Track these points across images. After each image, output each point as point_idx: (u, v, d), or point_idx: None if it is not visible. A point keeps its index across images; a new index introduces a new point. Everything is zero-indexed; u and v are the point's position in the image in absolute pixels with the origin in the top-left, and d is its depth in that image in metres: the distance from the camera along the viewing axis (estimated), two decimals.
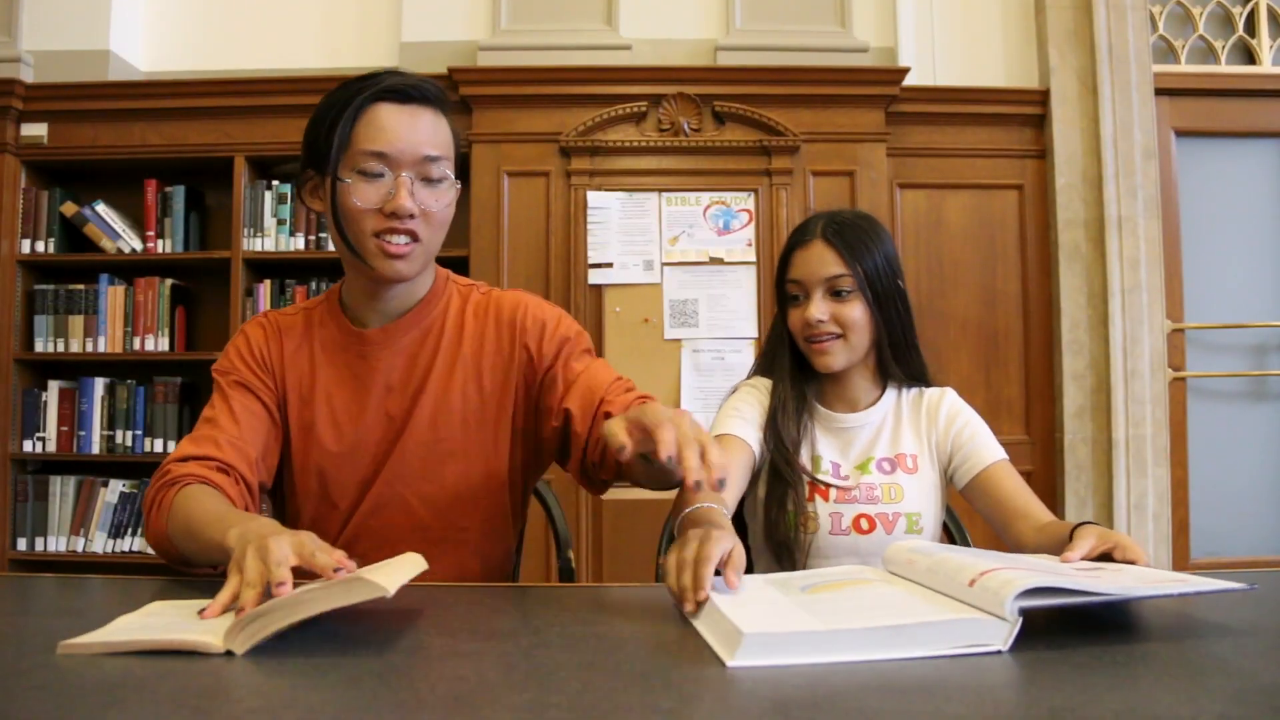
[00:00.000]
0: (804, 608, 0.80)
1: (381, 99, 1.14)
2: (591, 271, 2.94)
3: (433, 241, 1.18)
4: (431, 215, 1.15)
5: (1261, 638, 0.78)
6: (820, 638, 0.71)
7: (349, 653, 0.72)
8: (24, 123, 3.03)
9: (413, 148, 1.13)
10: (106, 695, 0.61)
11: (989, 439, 1.39)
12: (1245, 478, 3.22)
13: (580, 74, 2.98)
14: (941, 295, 3.13)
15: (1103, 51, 3.09)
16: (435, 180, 1.15)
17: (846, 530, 1.34)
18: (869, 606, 0.80)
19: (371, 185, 1.13)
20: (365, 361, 1.23)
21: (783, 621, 0.75)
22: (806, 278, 1.36)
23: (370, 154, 1.12)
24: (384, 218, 1.13)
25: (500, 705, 0.60)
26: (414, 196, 1.13)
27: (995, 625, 0.72)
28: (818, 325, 1.34)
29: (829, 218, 1.39)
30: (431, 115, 1.16)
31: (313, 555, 0.81)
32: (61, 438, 3.03)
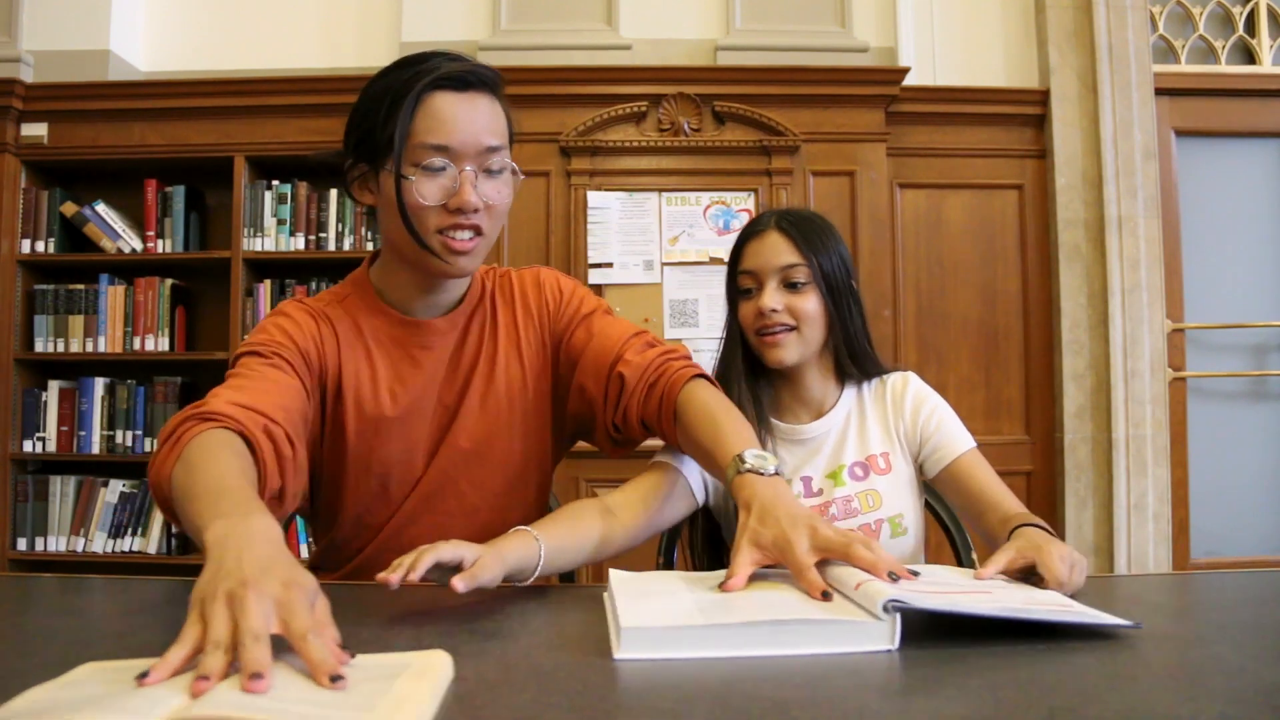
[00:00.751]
0: (700, 604, 0.80)
1: (439, 87, 1.07)
2: (591, 271, 2.94)
3: (494, 233, 1.14)
4: (494, 208, 1.11)
5: (1261, 638, 0.78)
6: (698, 632, 0.72)
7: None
8: (24, 123, 3.04)
9: (474, 139, 1.07)
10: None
11: (957, 428, 1.34)
12: (1245, 478, 3.22)
13: (580, 74, 2.98)
14: (941, 295, 3.13)
15: (1103, 51, 3.09)
16: (496, 171, 1.11)
17: None
18: (762, 604, 0.79)
19: (434, 181, 1.07)
20: (429, 353, 1.18)
21: (667, 616, 0.75)
22: (760, 267, 1.32)
23: (431, 147, 1.06)
24: (448, 214, 1.08)
25: (500, 705, 0.60)
26: (477, 190, 1.08)
27: (876, 626, 0.72)
28: (771, 315, 1.30)
29: (782, 212, 1.37)
30: (489, 102, 1.11)
31: (304, 637, 0.62)
32: (61, 438, 3.03)
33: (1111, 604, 0.99)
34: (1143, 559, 2.99)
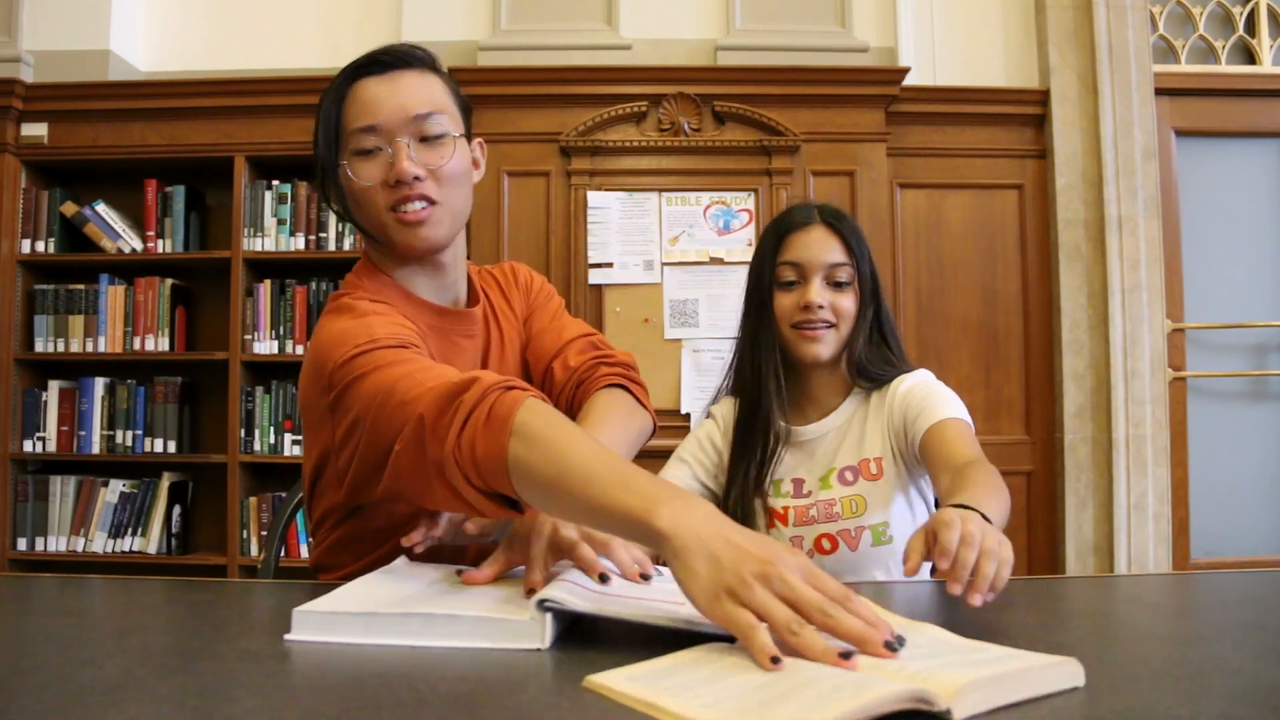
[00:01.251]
0: (416, 594, 0.83)
1: (361, 76, 1.10)
2: (592, 271, 2.94)
3: (452, 200, 1.11)
4: (439, 172, 1.08)
5: (1261, 638, 0.78)
6: (360, 620, 0.74)
7: (349, 652, 0.72)
8: (24, 123, 3.03)
9: (400, 110, 1.07)
10: (106, 695, 0.61)
11: (942, 400, 1.26)
12: (1245, 478, 3.22)
13: (580, 74, 2.98)
14: (941, 295, 3.13)
15: (1103, 51, 3.09)
16: (433, 137, 1.09)
17: (810, 553, 1.28)
18: (455, 600, 0.81)
19: (371, 162, 1.08)
20: (472, 340, 1.19)
21: (357, 602, 0.78)
22: (807, 261, 1.31)
23: (360, 131, 1.07)
24: (391, 189, 1.07)
25: (499, 705, 0.60)
26: (413, 159, 1.07)
27: (527, 625, 0.73)
28: (817, 311, 1.29)
29: (822, 207, 1.36)
30: (415, 75, 1.10)
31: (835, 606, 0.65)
32: (61, 437, 3.03)
33: (1112, 604, 0.99)
34: (1143, 559, 2.99)
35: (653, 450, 1.32)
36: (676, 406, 2.88)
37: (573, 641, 0.75)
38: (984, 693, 0.57)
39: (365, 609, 0.76)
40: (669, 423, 2.87)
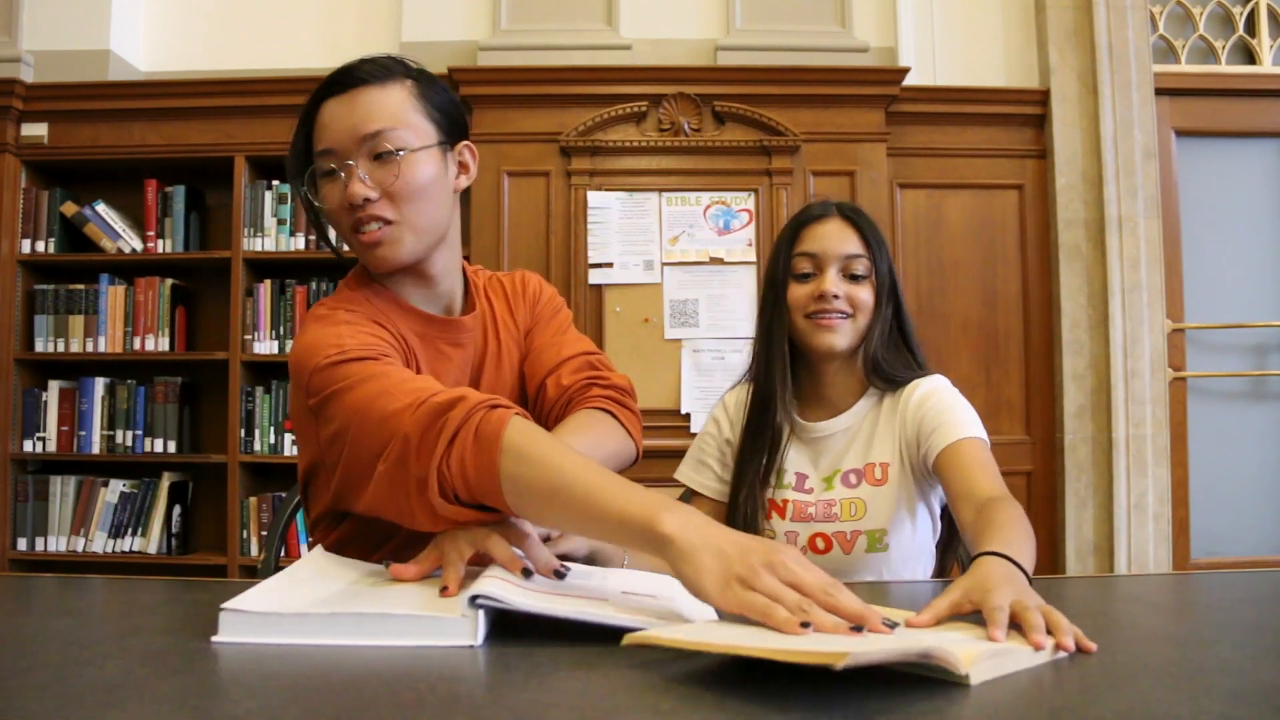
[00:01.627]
0: (343, 592, 0.83)
1: (324, 98, 1.10)
2: (592, 271, 2.94)
3: (412, 217, 1.09)
4: (393, 190, 1.07)
5: (1261, 638, 0.78)
6: (291, 620, 0.73)
7: (349, 652, 0.72)
8: (24, 123, 3.03)
9: (350, 132, 1.07)
10: (106, 695, 0.61)
11: (960, 418, 1.24)
12: (1245, 478, 3.22)
13: (580, 74, 2.98)
14: (941, 295, 3.13)
15: (1103, 51, 3.09)
16: (385, 154, 1.07)
17: (803, 550, 1.28)
18: (384, 598, 0.80)
19: (333, 185, 1.09)
20: (460, 349, 1.19)
21: (285, 602, 0.77)
22: (823, 251, 1.30)
23: (320, 154, 1.09)
24: (349, 212, 1.08)
25: (500, 705, 0.60)
26: (365, 180, 1.06)
27: (458, 622, 0.73)
28: (832, 301, 1.28)
29: (839, 202, 1.36)
30: (371, 92, 1.09)
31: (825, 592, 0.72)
32: (61, 438, 3.03)
33: (1112, 604, 0.99)
34: (1143, 559, 2.99)
35: (653, 450, 1.33)
36: (676, 406, 2.88)
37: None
38: (994, 661, 0.64)
39: (295, 609, 0.76)
40: (669, 423, 2.87)
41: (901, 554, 1.30)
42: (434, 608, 0.76)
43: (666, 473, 1.51)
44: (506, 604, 0.74)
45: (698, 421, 2.86)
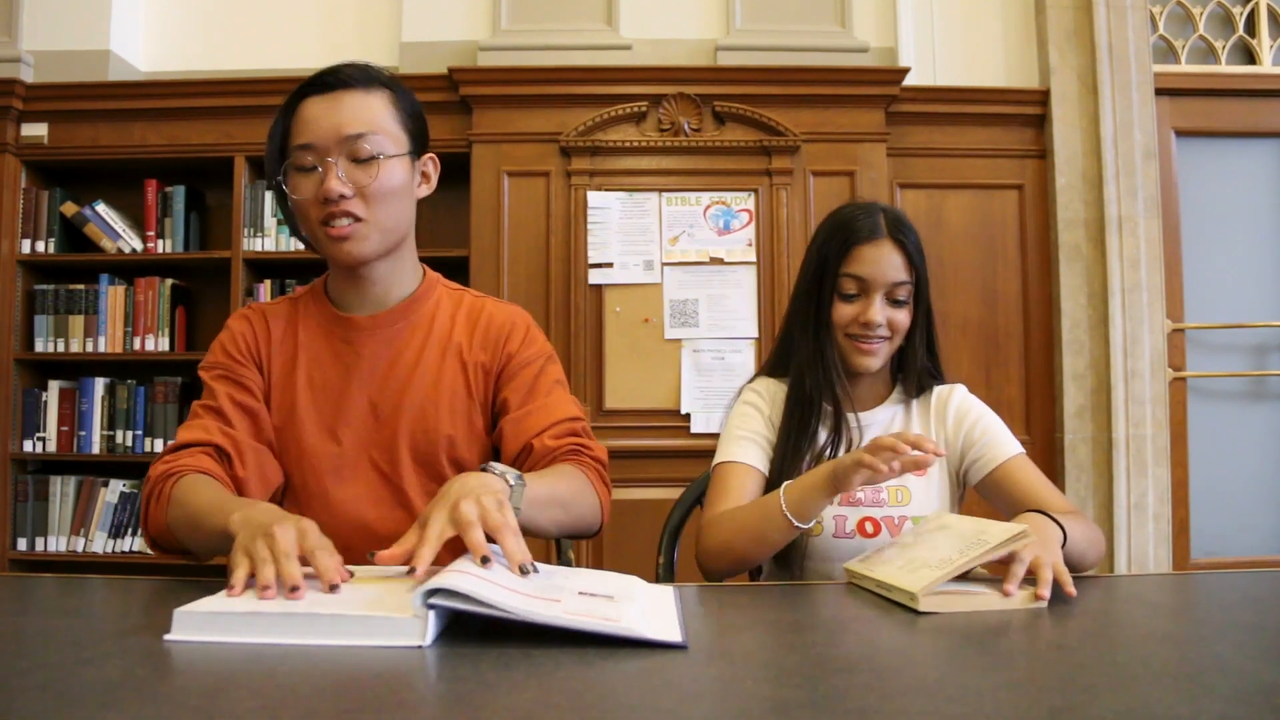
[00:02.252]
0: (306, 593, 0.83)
1: (305, 94, 1.18)
2: (591, 271, 2.94)
3: (381, 218, 1.17)
4: (367, 191, 1.15)
5: (1261, 638, 0.78)
6: (241, 619, 0.75)
7: (349, 652, 0.72)
8: (24, 123, 3.03)
9: (333, 130, 1.14)
10: (106, 695, 0.61)
11: (1004, 434, 1.35)
12: (1245, 478, 3.22)
13: (580, 74, 2.98)
14: (941, 295, 3.12)
15: (1103, 51, 3.09)
16: (365, 158, 1.16)
17: (851, 534, 1.31)
18: (344, 599, 0.81)
19: (307, 178, 1.16)
20: (350, 346, 1.24)
21: (231, 602, 0.79)
22: (873, 277, 1.32)
23: (299, 148, 1.16)
24: (321, 205, 1.15)
25: (500, 705, 0.60)
26: (343, 178, 1.14)
27: (409, 623, 0.74)
28: (875, 329, 1.31)
29: (888, 215, 1.35)
30: (356, 95, 1.17)
31: (313, 553, 0.83)
32: (61, 438, 3.03)
33: (1112, 604, 0.99)
34: (1143, 559, 2.99)
35: (653, 451, 1.33)
36: (676, 406, 2.88)
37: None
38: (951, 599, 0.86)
39: (248, 609, 0.77)
40: (668, 423, 2.87)
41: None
42: (386, 608, 0.77)
43: (667, 473, 1.52)
44: (456, 605, 0.74)
45: (698, 421, 2.86)
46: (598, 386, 2.90)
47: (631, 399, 2.90)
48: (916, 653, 0.74)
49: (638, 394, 2.90)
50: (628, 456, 2.70)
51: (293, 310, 1.28)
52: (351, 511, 1.20)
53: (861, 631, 0.85)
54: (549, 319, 2.92)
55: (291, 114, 1.18)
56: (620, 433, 2.83)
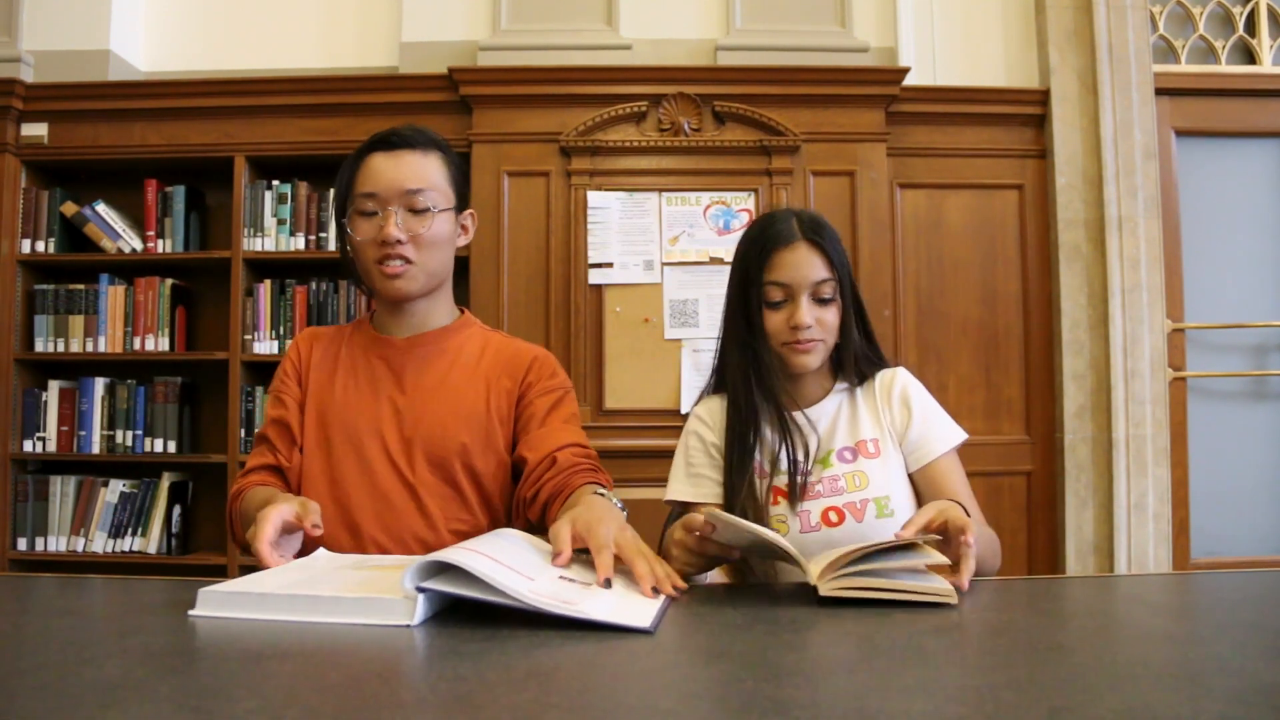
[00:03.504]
0: (316, 579, 0.95)
1: (374, 150, 1.36)
2: (592, 271, 2.94)
3: (428, 261, 1.35)
4: (419, 239, 1.33)
5: (1261, 638, 0.78)
6: (254, 599, 0.86)
7: (349, 652, 0.72)
8: (24, 123, 3.03)
9: (396, 183, 1.33)
10: (106, 695, 0.61)
11: (939, 428, 1.38)
12: (1245, 478, 3.22)
13: (580, 74, 2.98)
14: (941, 295, 3.13)
15: (1103, 51, 3.09)
16: (420, 210, 1.33)
17: (817, 526, 1.32)
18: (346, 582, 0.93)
19: (369, 222, 1.34)
20: (385, 363, 1.39)
21: (258, 584, 0.90)
22: (794, 281, 1.34)
23: (363, 195, 1.34)
24: (379, 247, 1.32)
25: (500, 705, 0.60)
26: (400, 226, 1.32)
27: (400, 604, 0.82)
28: (805, 331, 1.34)
29: (800, 217, 1.38)
30: (415, 155, 1.35)
31: (300, 518, 1.09)
32: (61, 438, 3.03)
33: (1112, 604, 0.99)
34: (1143, 559, 2.99)
35: (652, 451, 1.34)
36: (676, 406, 2.88)
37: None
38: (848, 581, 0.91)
39: (262, 589, 0.87)
40: (668, 423, 2.87)
41: (906, 518, 1.33)
42: (379, 589, 0.86)
43: (665, 473, 1.51)
44: (441, 588, 0.82)
45: None
46: (598, 386, 2.90)
47: (631, 399, 2.90)
48: (916, 653, 0.74)
49: (638, 394, 2.90)
50: (628, 456, 2.70)
51: (340, 335, 1.46)
52: (368, 505, 1.32)
53: (861, 632, 0.85)
54: (549, 319, 2.93)
55: (359, 165, 1.36)
56: (620, 433, 2.83)
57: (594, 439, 1.45)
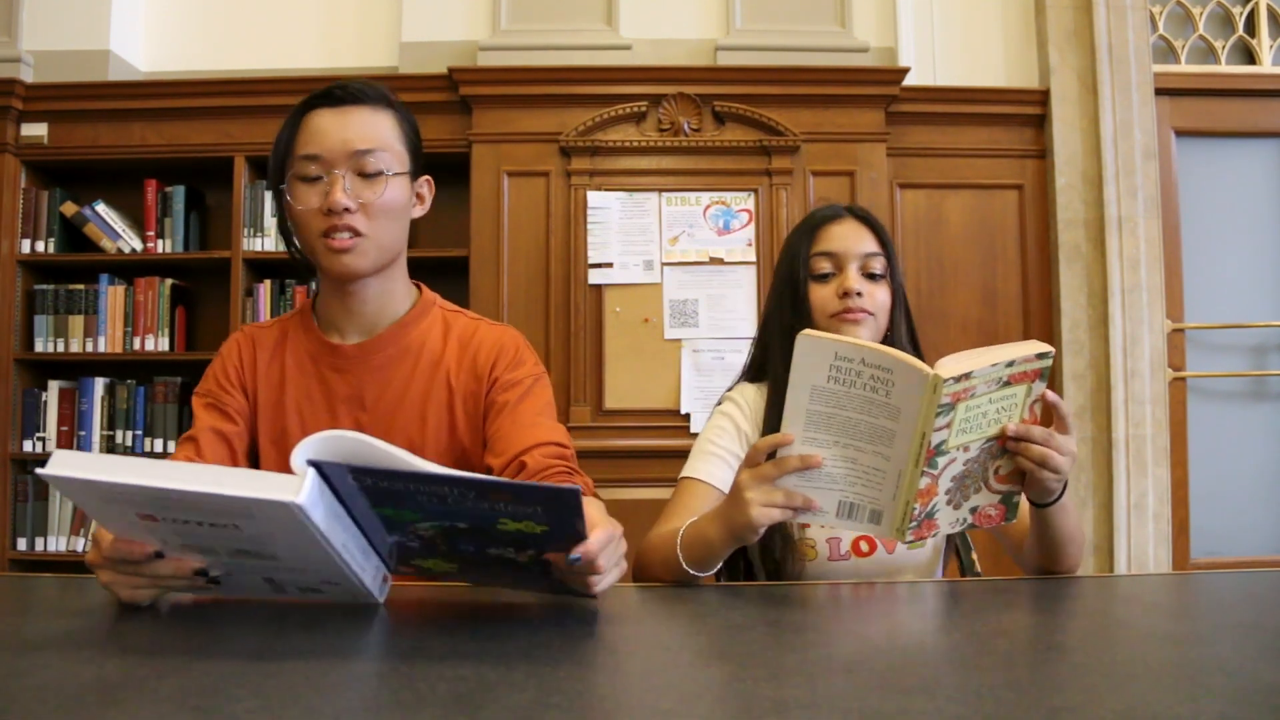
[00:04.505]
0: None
1: (315, 106, 1.19)
2: (591, 271, 2.94)
3: (381, 234, 1.18)
4: (370, 207, 1.16)
5: (1261, 638, 0.78)
6: (114, 463, 0.77)
7: (349, 653, 0.72)
8: (24, 123, 3.03)
9: (343, 144, 1.16)
10: (106, 695, 0.61)
11: None
12: (1245, 478, 3.21)
13: (580, 74, 2.98)
14: (941, 295, 3.13)
15: (1103, 51, 3.09)
16: (371, 174, 1.17)
17: (846, 555, 1.26)
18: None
19: (311, 188, 1.17)
20: (340, 375, 1.23)
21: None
22: (843, 250, 1.30)
23: (305, 158, 1.17)
24: (324, 216, 1.15)
25: (500, 705, 0.60)
26: (349, 192, 1.15)
27: (289, 480, 0.75)
28: (856, 298, 1.27)
29: (850, 205, 1.37)
30: (365, 112, 1.18)
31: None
32: (61, 438, 3.03)
33: (1112, 604, 0.99)
34: (1143, 559, 2.99)
35: (652, 451, 1.32)
36: (676, 406, 2.88)
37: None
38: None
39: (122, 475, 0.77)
40: (668, 423, 2.87)
41: (936, 547, 1.31)
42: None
43: (666, 472, 1.50)
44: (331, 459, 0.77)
45: (697, 421, 2.85)
46: (598, 386, 2.90)
47: (631, 399, 2.90)
48: (916, 653, 0.74)
49: (637, 394, 2.90)
50: (627, 456, 2.70)
51: (282, 334, 1.28)
52: None
53: (861, 631, 0.85)
54: (549, 319, 2.93)
55: (298, 123, 1.19)
56: (620, 433, 2.83)
57: (593, 439, 1.42)
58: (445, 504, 0.78)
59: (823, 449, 0.95)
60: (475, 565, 0.86)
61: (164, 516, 0.79)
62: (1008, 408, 0.96)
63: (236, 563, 0.84)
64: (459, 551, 0.84)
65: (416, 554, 0.86)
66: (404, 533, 0.83)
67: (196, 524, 0.79)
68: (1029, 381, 0.95)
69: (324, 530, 0.77)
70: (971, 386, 0.91)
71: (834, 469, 0.95)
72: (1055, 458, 0.98)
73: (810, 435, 0.95)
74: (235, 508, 0.76)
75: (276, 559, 0.82)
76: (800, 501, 0.96)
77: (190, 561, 0.85)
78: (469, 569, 0.88)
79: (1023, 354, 0.93)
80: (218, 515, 0.78)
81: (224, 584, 0.88)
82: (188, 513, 0.78)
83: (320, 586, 0.86)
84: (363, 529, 0.83)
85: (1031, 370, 0.94)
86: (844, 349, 0.91)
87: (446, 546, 0.83)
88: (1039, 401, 0.98)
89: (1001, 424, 0.96)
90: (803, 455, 0.95)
